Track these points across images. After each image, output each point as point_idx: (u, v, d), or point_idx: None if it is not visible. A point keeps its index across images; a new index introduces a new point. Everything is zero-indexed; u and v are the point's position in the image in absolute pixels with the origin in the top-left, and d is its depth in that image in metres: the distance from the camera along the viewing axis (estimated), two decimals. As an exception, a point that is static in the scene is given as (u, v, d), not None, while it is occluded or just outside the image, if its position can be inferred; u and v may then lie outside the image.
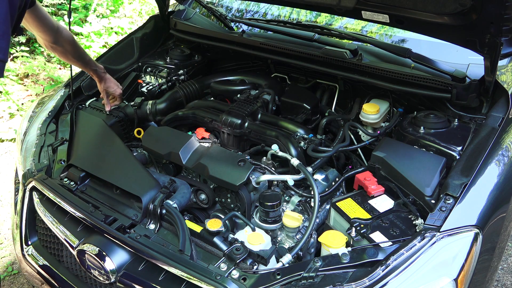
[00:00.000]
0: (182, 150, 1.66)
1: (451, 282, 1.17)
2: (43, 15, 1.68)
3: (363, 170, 1.59)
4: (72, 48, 1.88)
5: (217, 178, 1.56)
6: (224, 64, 2.54)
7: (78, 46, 1.92)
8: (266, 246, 1.35)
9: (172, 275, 1.29)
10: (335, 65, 1.91)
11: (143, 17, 5.80)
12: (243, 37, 2.14)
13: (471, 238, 1.22)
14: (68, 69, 4.50)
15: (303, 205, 1.60)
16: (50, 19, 1.73)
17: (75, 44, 1.89)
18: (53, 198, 1.56)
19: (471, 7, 1.33)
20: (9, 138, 3.58)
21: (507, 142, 1.48)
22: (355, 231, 1.33)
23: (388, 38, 2.09)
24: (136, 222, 1.44)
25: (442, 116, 1.67)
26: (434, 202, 1.33)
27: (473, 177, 1.33)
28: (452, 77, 1.65)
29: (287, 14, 2.44)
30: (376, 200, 1.46)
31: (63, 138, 1.84)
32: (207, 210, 1.73)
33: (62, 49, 1.84)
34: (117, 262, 1.37)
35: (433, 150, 1.55)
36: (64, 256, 1.63)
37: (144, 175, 1.58)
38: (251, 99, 2.01)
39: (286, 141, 1.71)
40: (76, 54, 1.91)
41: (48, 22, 1.71)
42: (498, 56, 1.41)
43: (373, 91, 1.99)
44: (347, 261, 1.19)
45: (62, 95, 2.08)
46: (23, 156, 1.83)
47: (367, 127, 1.87)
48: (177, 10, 2.51)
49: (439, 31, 1.57)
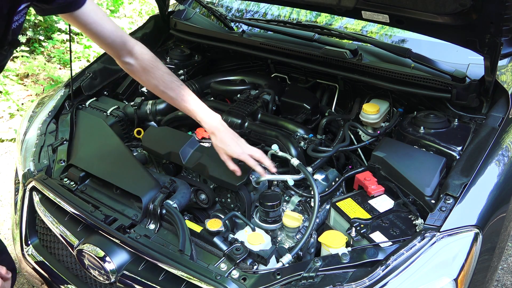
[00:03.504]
0: (182, 150, 1.66)
1: (451, 282, 1.17)
2: (96, 21, 1.36)
3: (363, 170, 1.59)
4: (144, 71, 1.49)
5: (217, 178, 1.56)
6: (224, 64, 2.54)
7: (157, 72, 1.49)
8: (266, 246, 1.35)
9: (172, 275, 1.29)
10: (335, 65, 1.91)
11: (143, 17, 5.80)
12: (243, 37, 2.14)
13: (471, 238, 1.22)
14: (68, 69, 4.50)
15: (303, 205, 1.60)
16: (108, 27, 1.39)
17: (151, 67, 1.48)
18: (53, 198, 1.56)
19: (471, 7, 1.33)
20: (9, 138, 3.58)
21: (507, 142, 1.48)
22: (355, 231, 1.33)
23: (388, 38, 2.09)
24: (136, 222, 1.44)
25: (442, 116, 1.67)
26: (434, 202, 1.33)
27: (473, 177, 1.33)
28: (452, 77, 1.65)
29: (287, 14, 2.44)
30: (376, 200, 1.46)
31: (63, 138, 1.84)
32: (207, 210, 1.73)
33: (133, 69, 1.50)
34: (117, 262, 1.37)
35: (433, 150, 1.55)
36: (64, 256, 1.63)
37: (144, 175, 1.58)
38: (251, 99, 2.01)
39: (286, 141, 1.71)
40: (153, 82, 1.50)
41: (106, 31, 1.38)
42: (498, 56, 1.41)
43: (373, 91, 1.99)
44: (347, 261, 1.19)
45: (62, 95, 2.08)
46: (23, 156, 1.83)
47: (367, 127, 1.87)
48: (177, 10, 2.51)
49: (439, 31, 1.57)
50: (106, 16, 1.41)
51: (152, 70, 1.49)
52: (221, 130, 1.50)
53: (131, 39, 1.48)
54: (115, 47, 1.44)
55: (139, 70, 1.50)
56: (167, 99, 1.55)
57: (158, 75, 1.49)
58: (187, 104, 1.51)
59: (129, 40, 1.46)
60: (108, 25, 1.39)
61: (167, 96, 1.53)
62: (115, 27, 1.41)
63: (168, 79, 1.50)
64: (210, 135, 1.52)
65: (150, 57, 1.50)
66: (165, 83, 1.49)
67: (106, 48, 1.47)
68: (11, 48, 1.23)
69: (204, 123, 1.51)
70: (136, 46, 1.48)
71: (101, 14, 1.38)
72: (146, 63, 1.48)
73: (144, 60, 1.48)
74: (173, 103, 1.55)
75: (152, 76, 1.49)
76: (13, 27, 1.16)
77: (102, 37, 1.40)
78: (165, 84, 1.50)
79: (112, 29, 1.40)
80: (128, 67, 1.51)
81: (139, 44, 1.49)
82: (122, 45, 1.44)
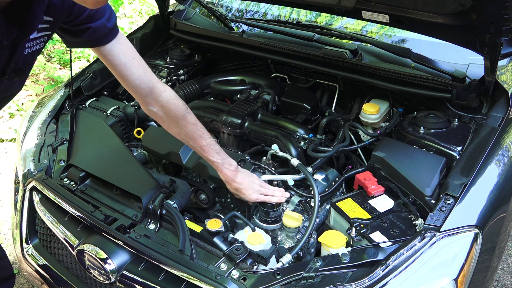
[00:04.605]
0: (182, 150, 1.66)
1: (451, 282, 1.17)
2: (124, 64, 1.29)
3: (363, 170, 1.59)
4: (168, 119, 1.44)
5: (217, 178, 1.56)
6: (224, 64, 2.54)
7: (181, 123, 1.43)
8: (266, 246, 1.35)
9: (172, 275, 1.29)
10: (335, 65, 1.91)
11: (143, 17, 5.80)
12: (243, 37, 2.14)
13: (471, 238, 1.22)
14: (68, 69, 4.50)
15: (303, 205, 1.60)
16: (135, 71, 1.32)
17: (176, 118, 1.42)
18: (53, 198, 1.56)
19: (471, 7, 1.33)
20: (9, 138, 3.58)
21: (507, 142, 1.48)
22: (355, 231, 1.33)
23: (388, 38, 2.09)
24: (136, 222, 1.44)
25: (442, 116, 1.67)
26: (434, 202, 1.33)
27: (473, 177, 1.33)
28: (452, 77, 1.65)
29: (287, 14, 2.44)
30: (376, 200, 1.46)
31: (63, 138, 1.84)
32: (207, 210, 1.73)
33: (156, 116, 1.46)
34: (117, 262, 1.36)
35: (433, 150, 1.55)
36: (64, 256, 1.63)
37: (144, 175, 1.58)
38: (251, 99, 2.01)
39: (286, 141, 1.71)
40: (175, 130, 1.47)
41: (133, 76, 1.32)
42: (498, 56, 1.41)
43: (373, 91, 1.99)
44: (347, 261, 1.19)
45: (62, 95, 2.08)
46: (23, 156, 1.82)
47: (367, 127, 1.87)
48: (177, 10, 2.51)
49: (439, 31, 1.57)
50: (137, 57, 1.34)
51: (177, 120, 1.44)
52: (236, 180, 1.50)
53: (160, 85, 1.40)
54: (140, 93, 1.38)
55: (163, 117, 1.45)
56: (187, 144, 1.53)
57: (181, 125, 1.45)
58: (206, 155, 1.49)
59: (156, 86, 1.39)
60: (136, 70, 1.33)
61: (187, 143, 1.52)
62: (143, 72, 1.35)
63: (191, 130, 1.45)
64: (226, 183, 1.53)
65: (177, 107, 1.42)
66: (187, 133, 1.46)
67: (131, 92, 1.40)
68: (15, 77, 1.14)
69: (221, 173, 1.51)
70: (164, 93, 1.41)
71: (130, 56, 1.31)
72: (171, 113, 1.42)
73: (170, 110, 1.42)
74: (193, 149, 1.54)
75: (175, 125, 1.46)
76: (25, 53, 1.11)
77: (128, 81, 1.34)
78: (188, 134, 1.46)
79: (139, 74, 1.33)
80: (151, 113, 1.46)
81: (168, 90, 1.42)
82: (148, 91, 1.38)
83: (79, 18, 1.19)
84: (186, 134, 1.46)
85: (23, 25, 1.02)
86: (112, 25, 1.26)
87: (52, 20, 1.13)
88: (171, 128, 1.49)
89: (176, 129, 1.47)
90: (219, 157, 1.49)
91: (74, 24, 1.20)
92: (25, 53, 1.12)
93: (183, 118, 1.43)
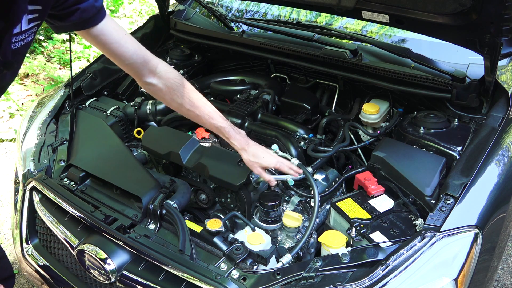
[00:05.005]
0: (182, 150, 1.66)
1: (451, 282, 1.17)
2: (117, 41, 1.29)
3: (363, 170, 1.59)
4: (168, 91, 1.42)
5: (217, 178, 1.56)
6: (224, 64, 2.54)
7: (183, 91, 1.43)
8: (266, 246, 1.35)
9: (172, 275, 1.29)
10: (335, 65, 1.91)
11: (143, 17, 5.80)
12: (243, 37, 2.14)
13: (471, 238, 1.22)
14: (68, 69, 4.50)
15: (303, 205, 1.60)
16: (129, 47, 1.31)
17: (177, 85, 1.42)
18: (53, 198, 1.56)
19: (471, 7, 1.33)
20: (9, 138, 3.58)
21: (507, 142, 1.48)
22: (355, 231, 1.33)
23: (388, 38, 2.09)
24: (136, 222, 1.44)
25: (442, 116, 1.67)
26: (434, 202, 1.33)
27: (473, 177, 1.33)
28: (452, 77, 1.65)
29: (287, 14, 2.44)
30: (376, 200, 1.46)
31: (63, 138, 1.84)
32: (207, 210, 1.73)
33: (156, 89, 1.43)
34: (117, 262, 1.37)
35: (433, 150, 1.55)
36: (64, 256, 1.63)
37: (144, 175, 1.58)
38: (251, 99, 2.01)
39: (286, 141, 1.71)
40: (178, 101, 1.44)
41: (127, 52, 1.31)
42: (498, 56, 1.41)
43: (373, 91, 1.99)
44: (347, 261, 1.19)
45: (62, 95, 2.08)
46: (23, 156, 1.83)
47: (367, 127, 1.87)
48: (177, 10, 2.51)
49: (439, 31, 1.57)
50: (127, 34, 1.33)
51: (178, 88, 1.41)
52: (251, 145, 1.48)
53: (154, 58, 1.39)
54: (136, 68, 1.36)
55: (163, 89, 1.42)
56: (192, 117, 1.49)
57: (184, 94, 1.42)
58: (214, 121, 1.47)
59: (152, 58, 1.38)
60: (129, 45, 1.31)
61: (192, 115, 1.47)
62: (137, 46, 1.34)
63: (195, 97, 1.44)
64: (240, 151, 1.49)
65: (175, 75, 1.42)
66: (191, 101, 1.43)
67: (127, 69, 1.38)
68: (4, 71, 1.12)
69: (234, 139, 1.47)
70: (160, 64, 1.40)
71: (121, 33, 1.30)
72: (171, 81, 1.41)
73: (169, 78, 1.41)
74: (198, 121, 1.50)
75: (177, 95, 1.43)
76: (13, 48, 1.08)
77: (123, 58, 1.32)
78: (191, 103, 1.44)
79: (133, 48, 1.32)
80: (151, 88, 1.43)
81: (163, 62, 1.42)
82: (144, 64, 1.36)
83: (68, 1, 1.16)
84: (191, 103, 1.43)
85: (7, 17, 1.00)
86: (100, 5, 1.23)
87: (41, 9, 1.10)
88: (174, 100, 1.44)
89: (179, 100, 1.43)
90: (227, 123, 1.47)
91: (63, 8, 1.16)
92: (18, 46, 1.10)
93: (184, 85, 1.42)
